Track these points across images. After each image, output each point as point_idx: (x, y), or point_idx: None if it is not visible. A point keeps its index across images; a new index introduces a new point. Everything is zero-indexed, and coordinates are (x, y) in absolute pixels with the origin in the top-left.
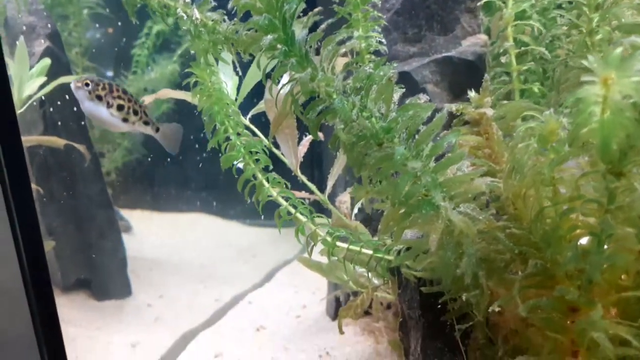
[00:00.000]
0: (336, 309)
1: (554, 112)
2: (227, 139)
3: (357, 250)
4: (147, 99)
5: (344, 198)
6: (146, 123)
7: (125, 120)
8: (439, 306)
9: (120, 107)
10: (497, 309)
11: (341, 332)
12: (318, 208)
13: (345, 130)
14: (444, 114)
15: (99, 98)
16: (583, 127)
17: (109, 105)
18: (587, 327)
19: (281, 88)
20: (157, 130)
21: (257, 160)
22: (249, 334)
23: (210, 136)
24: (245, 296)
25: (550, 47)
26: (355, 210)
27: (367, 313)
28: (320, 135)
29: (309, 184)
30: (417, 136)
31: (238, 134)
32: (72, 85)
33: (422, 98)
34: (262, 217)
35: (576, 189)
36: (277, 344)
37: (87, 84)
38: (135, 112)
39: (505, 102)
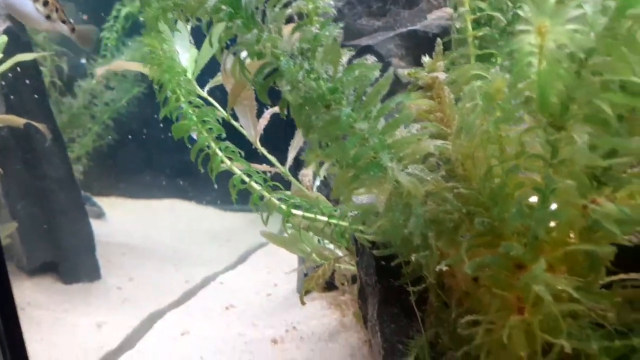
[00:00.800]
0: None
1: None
2: (180, 108)
3: (312, 217)
4: (99, 71)
5: (308, 171)
6: (63, 22)
7: (48, 17)
8: (395, 271)
9: (45, 3)
10: (444, 269)
11: (303, 303)
12: (284, 183)
13: (293, 93)
14: (390, 74)
15: None
16: (521, 80)
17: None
18: (530, 281)
19: (229, 53)
20: (73, 30)
21: (211, 129)
22: (218, 313)
23: (162, 106)
24: (217, 277)
25: (507, 13)
26: (317, 183)
27: (336, 287)
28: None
29: (270, 157)
30: (364, 97)
31: (190, 103)
32: None
33: (369, 59)
34: (237, 202)
35: (521, 146)
36: (246, 321)
37: None
38: (57, 11)
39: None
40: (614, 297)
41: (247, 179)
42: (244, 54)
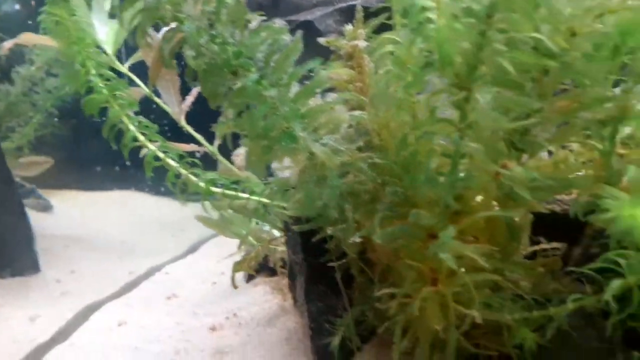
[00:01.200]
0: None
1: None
2: (89, 82)
3: (233, 195)
4: (7, 45)
5: (241, 150)
6: None
7: None
8: (322, 248)
9: None
10: (358, 241)
11: (234, 287)
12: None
13: (197, 59)
14: (299, 38)
15: None
16: (420, 37)
17: None
18: (437, 250)
19: (131, 21)
20: None
21: (124, 104)
22: (159, 303)
23: (71, 81)
24: (163, 267)
25: None
26: None
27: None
28: None
29: (196, 135)
30: (273, 64)
31: (101, 76)
32: None
33: (277, 22)
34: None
35: (431, 111)
36: (187, 310)
37: None
38: None
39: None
40: (534, 267)
41: (162, 155)
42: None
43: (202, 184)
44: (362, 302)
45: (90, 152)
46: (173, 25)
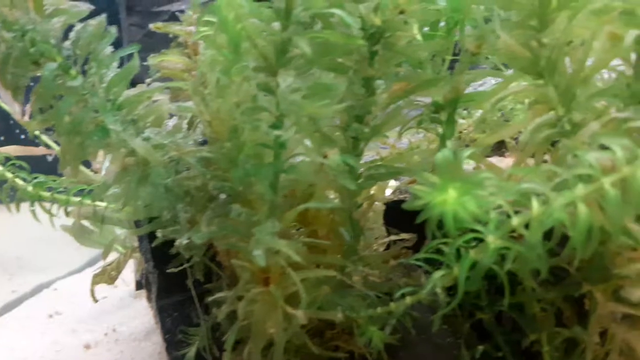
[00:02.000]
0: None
1: None
2: None
3: (64, 199)
4: None
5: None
6: None
7: None
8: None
9: None
10: (186, 241)
11: (94, 300)
12: None
13: None
14: (102, 20)
15: None
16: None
17: None
18: (253, 246)
19: None
20: None
21: None
22: (39, 322)
23: None
24: (53, 284)
25: None
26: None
27: None
28: None
29: (43, 137)
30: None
31: None
32: None
33: (81, 6)
34: None
35: (252, 99)
36: (66, 327)
37: None
38: None
39: None
40: (385, 261)
41: None
42: None
43: (29, 189)
44: (215, 308)
45: None
46: None
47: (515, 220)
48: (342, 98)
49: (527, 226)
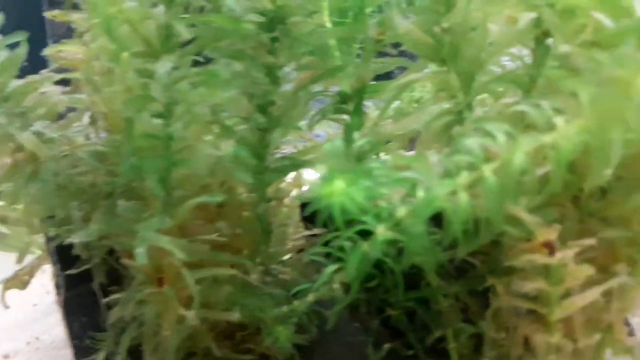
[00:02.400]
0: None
1: None
2: None
3: None
4: None
5: None
6: None
7: None
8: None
9: None
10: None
11: (6, 307)
12: None
13: None
14: None
15: None
16: None
17: None
18: (138, 244)
19: None
20: None
21: None
22: None
23: None
24: None
25: None
26: None
27: None
28: None
29: None
30: None
31: None
32: None
33: None
34: None
35: (143, 87)
36: None
37: None
38: None
39: None
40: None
41: None
42: None
43: None
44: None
45: None
46: None
47: (402, 211)
48: (242, 87)
49: None
